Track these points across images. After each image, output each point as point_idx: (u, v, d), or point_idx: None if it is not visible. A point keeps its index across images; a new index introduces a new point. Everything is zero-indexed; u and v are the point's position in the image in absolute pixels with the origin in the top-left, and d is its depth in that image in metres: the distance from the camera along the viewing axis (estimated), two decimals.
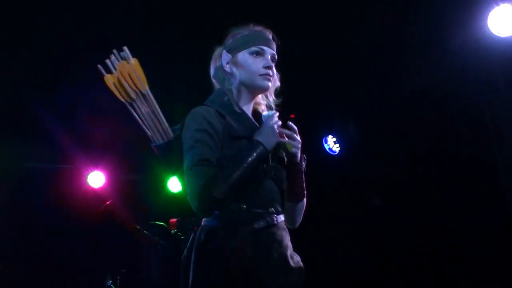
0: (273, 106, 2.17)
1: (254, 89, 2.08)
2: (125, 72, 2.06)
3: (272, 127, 1.92)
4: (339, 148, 5.76)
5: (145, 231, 4.97)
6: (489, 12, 3.67)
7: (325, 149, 5.82)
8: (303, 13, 4.01)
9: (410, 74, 4.79)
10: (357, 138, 5.64)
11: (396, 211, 5.24)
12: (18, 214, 5.57)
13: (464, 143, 4.58)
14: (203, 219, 1.95)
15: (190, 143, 1.87)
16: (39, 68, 4.53)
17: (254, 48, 2.06)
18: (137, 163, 6.01)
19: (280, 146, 1.98)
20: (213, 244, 1.85)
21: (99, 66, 2.07)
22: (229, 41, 2.14)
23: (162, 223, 5.17)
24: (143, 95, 2.06)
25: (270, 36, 2.12)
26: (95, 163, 5.88)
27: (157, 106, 2.06)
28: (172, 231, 4.96)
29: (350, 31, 4.16)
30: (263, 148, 1.86)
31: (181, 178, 2.12)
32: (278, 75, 2.16)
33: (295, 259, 1.94)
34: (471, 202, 4.51)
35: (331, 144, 5.81)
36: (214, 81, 2.19)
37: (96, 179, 5.88)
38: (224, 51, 2.11)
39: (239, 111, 2.01)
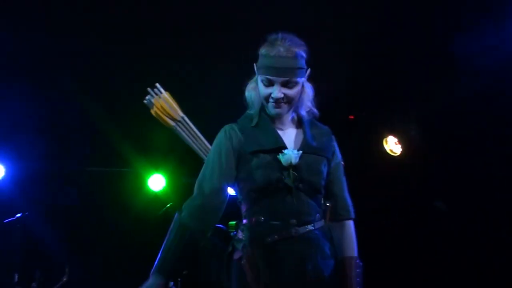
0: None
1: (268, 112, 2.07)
2: (159, 105, 2.59)
3: None
4: (400, 150, 5.60)
5: None
6: None
7: (385, 150, 5.68)
8: (362, 14, 3.96)
9: (475, 73, 4.60)
10: (419, 139, 5.48)
11: (461, 216, 5.05)
12: (85, 215, 5.79)
13: None
14: None
15: (206, 159, 2.16)
16: (96, 77, 4.68)
17: (263, 77, 2.00)
18: (197, 166, 6.05)
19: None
20: (235, 254, 2.02)
21: (145, 101, 2.68)
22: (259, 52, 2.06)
23: (221, 225, 5.19)
24: (179, 121, 2.55)
25: (286, 58, 1.94)
26: (156, 167, 5.98)
27: (195, 129, 2.47)
28: (232, 233, 4.98)
29: (412, 30, 4.07)
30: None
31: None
32: (310, 87, 2.08)
33: (318, 272, 1.91)
34: None
35: (392, 145, 5.66)
36: None
37: (157, 182, 5.97)
38: (254, 65, 2.07)
39: (255, 126, 2.05)
